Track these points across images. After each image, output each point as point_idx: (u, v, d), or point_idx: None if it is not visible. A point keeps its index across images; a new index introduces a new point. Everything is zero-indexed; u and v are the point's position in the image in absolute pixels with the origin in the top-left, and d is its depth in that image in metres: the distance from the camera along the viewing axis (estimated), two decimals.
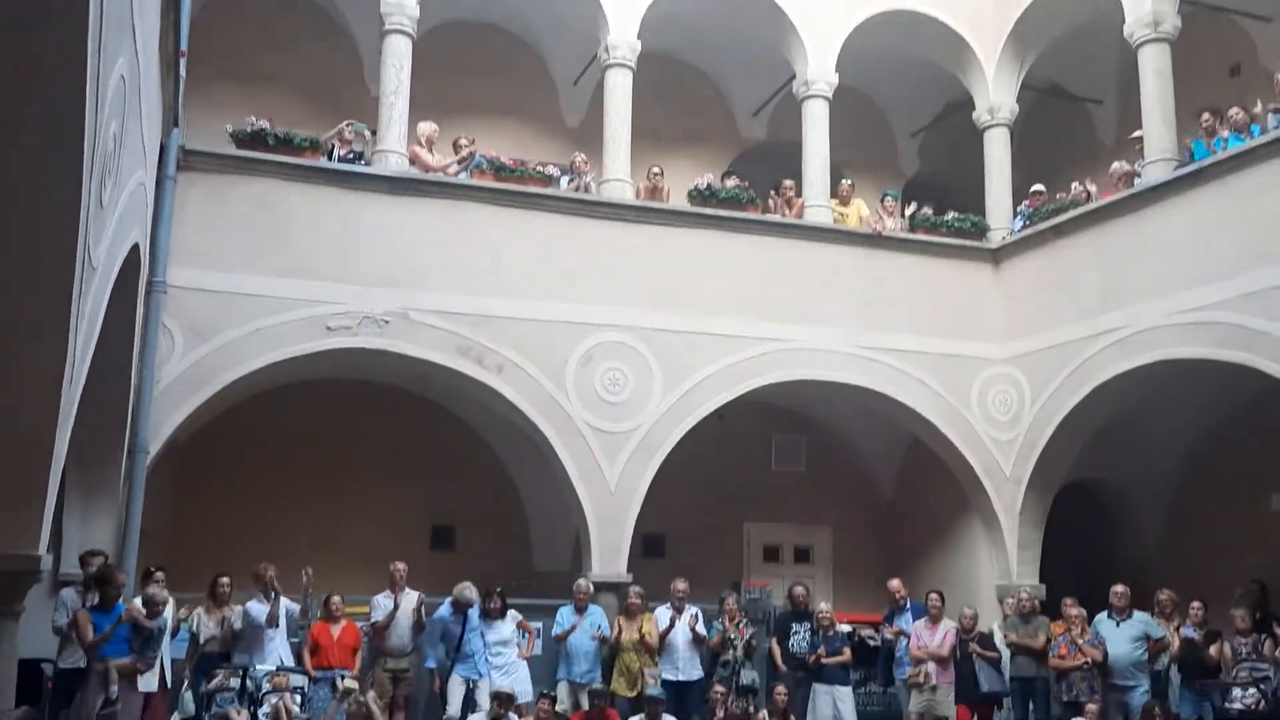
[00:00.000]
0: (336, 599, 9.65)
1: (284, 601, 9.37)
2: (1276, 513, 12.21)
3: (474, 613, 9.80)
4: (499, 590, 10.08)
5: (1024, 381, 12.38)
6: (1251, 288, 9.73)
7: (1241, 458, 12.33)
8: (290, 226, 10.54)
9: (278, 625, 9.26)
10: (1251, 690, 9.21)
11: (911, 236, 12.85)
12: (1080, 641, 9.96)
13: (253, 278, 10.29)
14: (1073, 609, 10.22)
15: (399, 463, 13.13)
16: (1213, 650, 9.74)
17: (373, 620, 9.76)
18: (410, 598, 9.89)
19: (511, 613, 10.12)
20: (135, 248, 7.52)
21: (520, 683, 9.62)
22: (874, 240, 12.59)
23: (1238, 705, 9.35)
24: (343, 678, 9.14)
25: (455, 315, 10.88)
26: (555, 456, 11.16)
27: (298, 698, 8.63)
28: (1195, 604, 10.05)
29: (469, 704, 9.51)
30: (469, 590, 9.81)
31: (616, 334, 11.40)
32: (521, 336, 11.08)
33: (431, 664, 9.68)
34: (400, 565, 10.02)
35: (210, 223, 10.21)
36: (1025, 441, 12.28)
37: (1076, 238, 11.89)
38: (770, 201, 12.75)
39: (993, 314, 12.70)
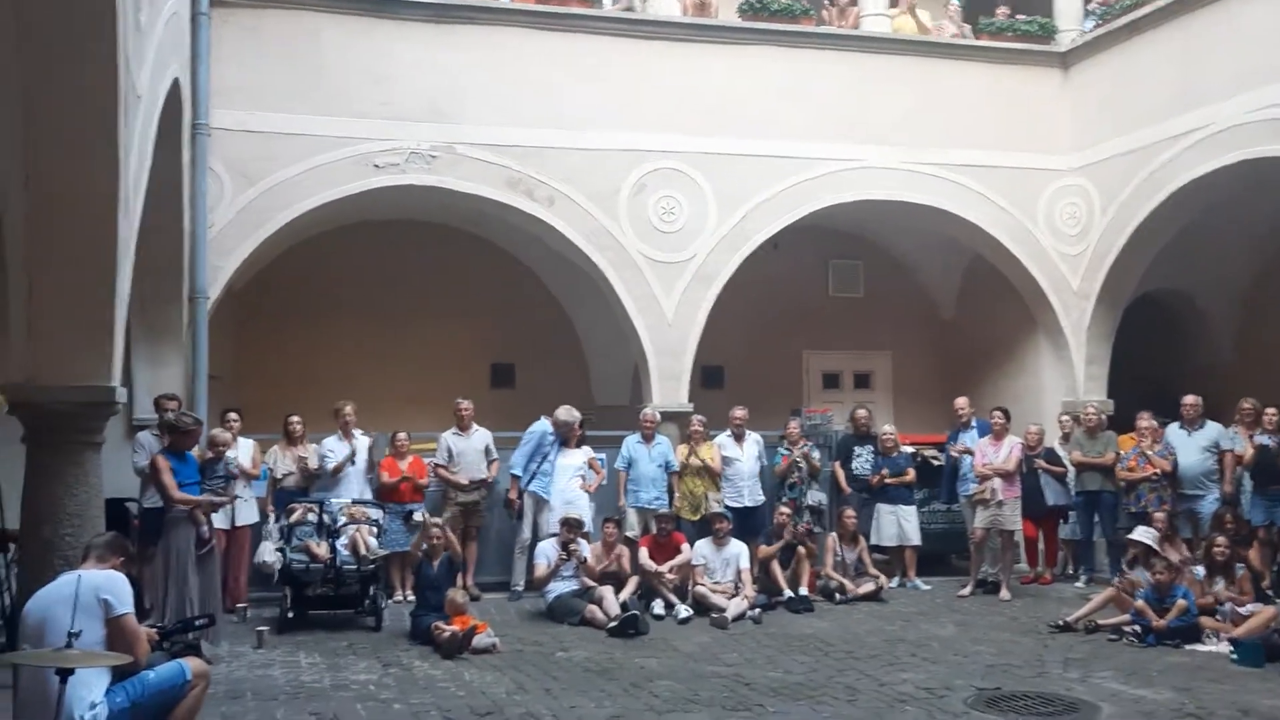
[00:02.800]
0: (403, 435, 9.80)
1: (360, 439, 9.55)
2: None
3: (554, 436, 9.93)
4: (588, 418, 10.12)
5: (1094, 192, 11.93)
6: None
7: None
8: (329, 61, 10.27)
9: (354, 462, 9.47)
10: None
11: (975, 43, 12.23)
12: (1150, 453, 9.86)
13: (296, 117, 10.10)
14: (1144, 421, 10.07)
15: (456, 302, 13.16)
16: None
17: (437, 461, 9.90)
18: (478, 435, 10.02)
19: (585, 447, 10.22)
20: (176, 84, 7.34)
21: (584, 511, 9.78)
22: (931, 49, 11.98)
23: None
24: (417, 511, 9.38)
25: (502, 148, 10.65)
26: (610, 289, 11.06)
27: (373, 529, 8.85)
28: (1270, 410, 9.82)
29: (534, 529, 9.74)
30: (572, 412, 9.94)
31: (668, 160, 11.11)
32: (571, 167, 10.84)
33: (518, 471, 9.85)
34: (466, 403, 10.10)
35: (248, 61, 9.97)
36: (1094, 254, 11.92)
37: (1154, 34, 11.20)
38: (825, 13, 12.13)
39: (1061, 122, 12.14)
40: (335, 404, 9.68)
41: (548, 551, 9.04)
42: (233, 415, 9.09)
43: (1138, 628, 7.82)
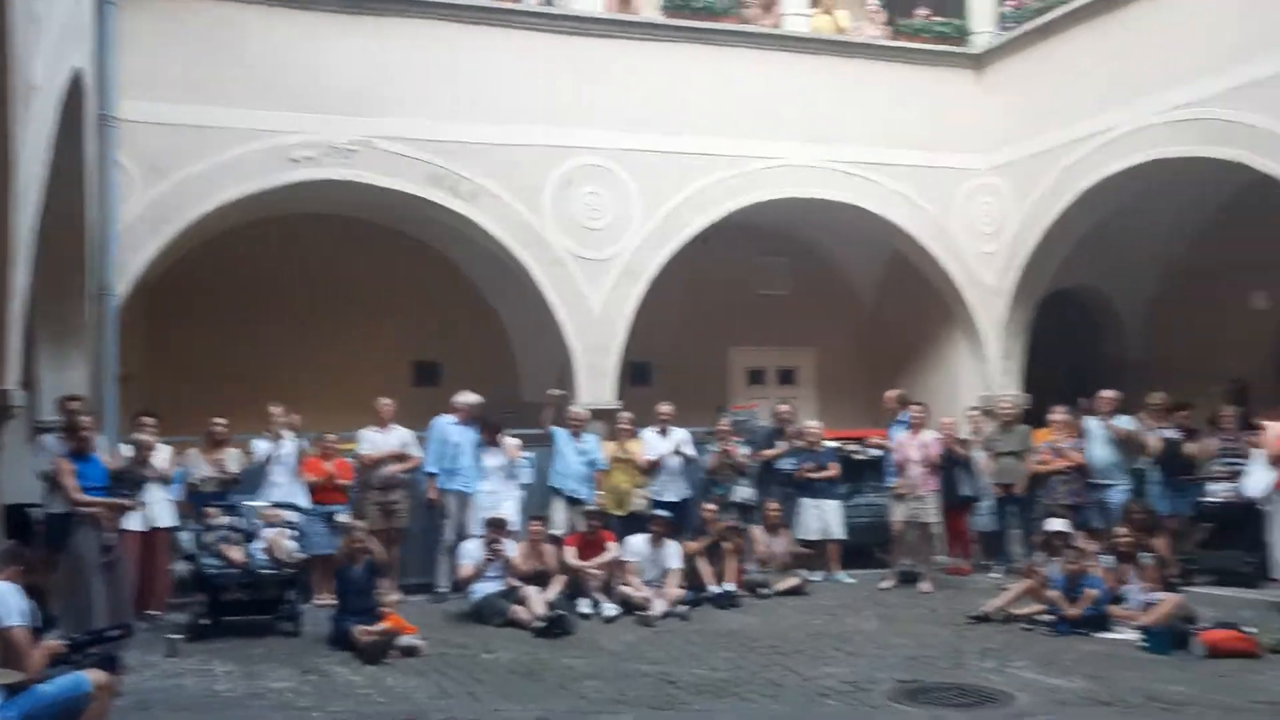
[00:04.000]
0: (332, 436, 9.63)
1: (287, 440, 9.36)
2: (1258, 311, 12.30)
3: (470, 430, 9.83)
4: (494, 420, 10.07)
5: (1007, 191, 12.21)
6: (1244, 80, 9.48)
7: (1221, 258, 12.32)
8: (245, 52, 10.04)
9: (281, 464, 9.28)
10: (1228, 484, 9.42)
11: (892, 44, 12.42)
12: (1063, 446, 10.10)
13: (209, 108, 9.86)
14: (1059, 416, 10.32)
15: (379, 299, 12.95)
16: (1193, 449, 9.94)
17: (358, 454, 9.75)
18: (398, 433, 9.88)
19: (510, 440, 10.14)
20: (79, 75, 7.08)
21: (510, 512, 9.70)
22: (851, 49, 12.14)
23: (1215, 498, 9.62)
24: (339, 513, 9.21)
25: (424, 142, 10.53)
26: (536, 285, 11.00)
27: (292, 532, 8.66)
28: (1175, 406, 10.20)
29: (458, 529, 9.65)
30: (469, 396, 9.87)
31: (593, 157, 11.09)
32: (494, 162, 10.76)
33: (433, 469, 9.75)
34: (386, 402, 9.97)
35: (160, 51, 9.69)
36: (1009, 252, 12.20)
37: (1063, 38, 11.52)
38: (747, 12, 12.20)
39: (976, 122, 12.39)
40: (266, 407, 9.46)
41: (472, 552, 8.94)
42: (148, 418, 8.81)
43: (1051, 617, 8.02)
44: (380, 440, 9.81)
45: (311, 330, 12.55)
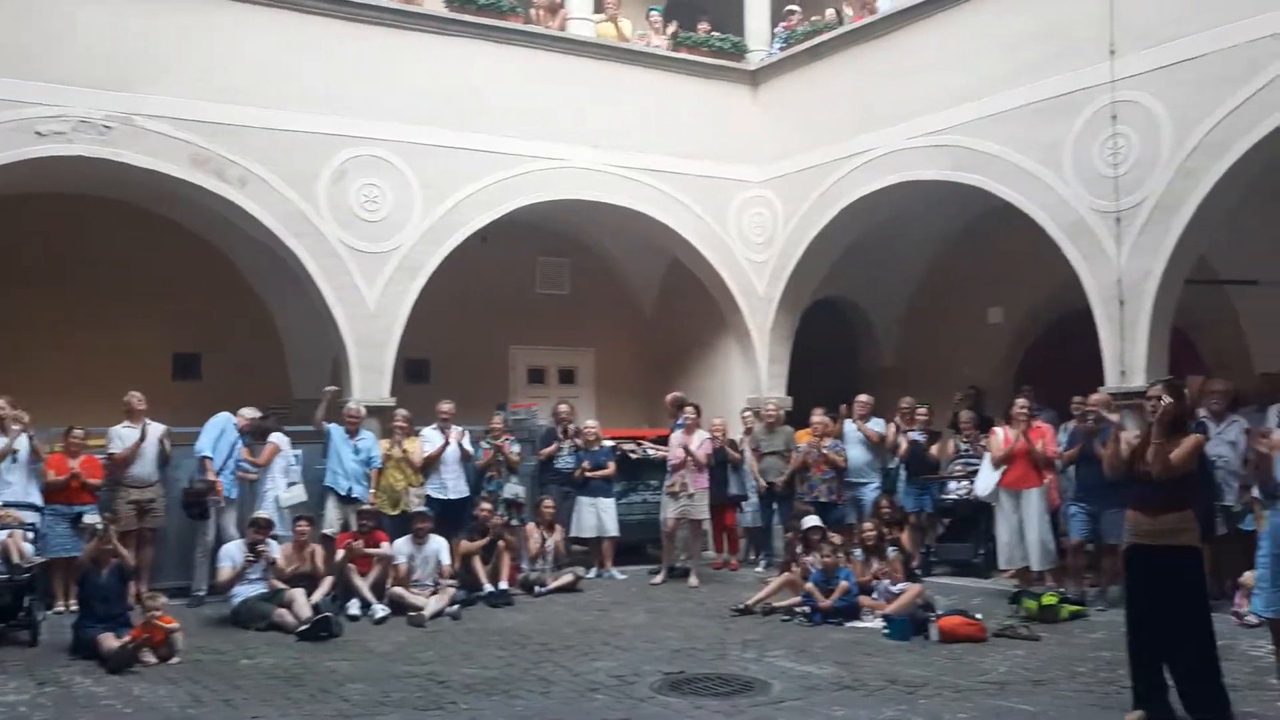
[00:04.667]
0: (79, 431, 8.97)
1: (23, 436, 8.62)
2: (993, 325, 13.48)
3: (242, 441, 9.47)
4: (282, 411, 9.72)
5: (778, 203, 12.82)
6: (986, 112, 10.36)
7: (964, 275, 13.45)
8: None
9: (15, 460, 8.55)
10: (964, 482, 10.28)
11: (673, 55, 12.77)
12: (825, 449, 10.68)
13: None
14: (819, 418, 10.92)
15: (138, 286, 12.11)
16: (934, 450, 10.77)
17: (110, 452, 9.16)
18: (155, 429, 9.34)
19: (278, 436, 9.77)
20: None
21: (272, 512, 9.37)
22: (634, 57, 12.43)
23: (952, 496, 10.47)
24: (87, 513, 8.59)
25: (189, 122, 9.98)
26: (309, 278, 10.64)
27: (28, 534, 8.03)
28: (921, 410, 11.04)
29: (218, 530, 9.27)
30: (250, 410, 9.68)
31: (372, 147, 10.84)
32: (267, 148, 10.33)
33: (207, 452, 9.33)
34: (136, 395, 9.40)
35: None
36: (778, 262, 12.81)
37: (830, 61, 12.21)
38: (533, 12, 12.25)
39: (751, 136, 12.94)
40: None
41: (233, 553, 8.58)
42: None
43: (807, 608, 8.50)
44: (130, 436, 9.22)
45: (62, 317, 11.59)
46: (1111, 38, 9.21)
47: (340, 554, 9.00)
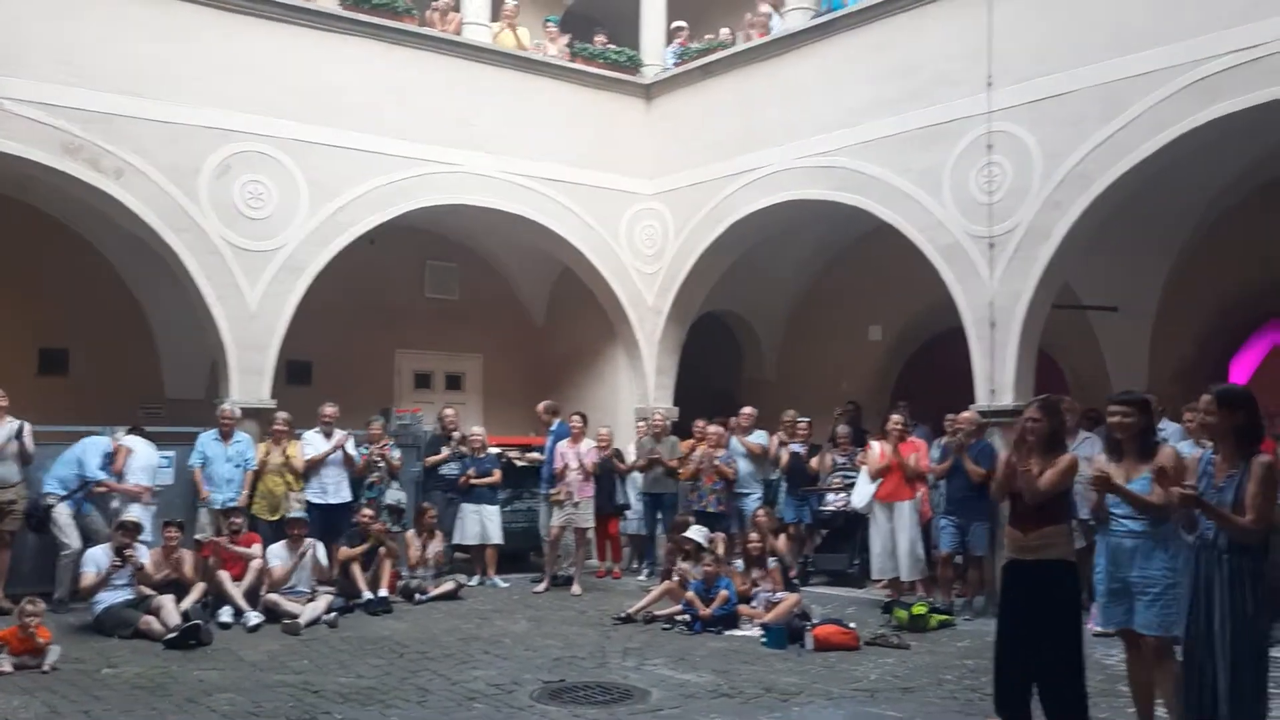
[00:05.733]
0: None
1: None
2: (873, 342, 13.90)
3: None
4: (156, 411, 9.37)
5: (669, 216, 12.97)
6: (868, 136, 10.69)
7: (847, 292, 13.85)
8: None
9: None
10: (842, 494, 10.56)
11: (570, 65, 12.82)
12: (716, 460, 10.82)
13: None
14: (710, 428, 11.07)
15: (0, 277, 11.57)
16: (814, 462, 11.04)
17: None
18: (10, 425, 8.90)
19: (132, 439, 9.43)
20: None
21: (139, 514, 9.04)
22: (530, 65, 12.44)
23: (830, 508, 10.74)
24: None
25: (61, 109, 9.56)
26: (187, 274, 10.31)
27: None
28: (801, 424, 11.30)
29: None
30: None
31: (258, 143, 10.56)
32: (145, 139, 9.97)
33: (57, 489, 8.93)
34: None
35: None
36: (667, 274, 12.97)
37: (721, 79, 12.42)
38: (429, 15, 12.15)
39: (643, 149, 13.07)
40: None
41: (98, 558, 8.24)
42: None
43: (688, 617, 8.61)
44: None
45: None
46: (989, 71, 9.62)
47: (211, 560, 8.75)
